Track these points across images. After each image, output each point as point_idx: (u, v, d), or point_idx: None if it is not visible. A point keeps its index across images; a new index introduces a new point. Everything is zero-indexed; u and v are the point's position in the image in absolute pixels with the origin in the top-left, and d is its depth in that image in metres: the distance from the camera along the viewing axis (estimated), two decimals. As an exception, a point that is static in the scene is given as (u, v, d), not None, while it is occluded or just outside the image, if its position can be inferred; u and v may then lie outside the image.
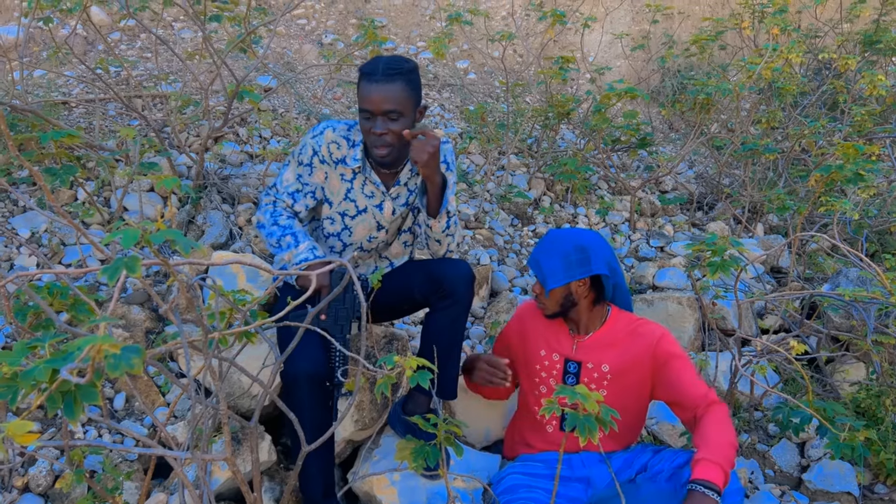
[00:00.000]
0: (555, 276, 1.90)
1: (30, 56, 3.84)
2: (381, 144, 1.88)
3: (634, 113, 3.69)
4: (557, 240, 1.94)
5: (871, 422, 2.32)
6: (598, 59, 5.49)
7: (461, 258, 2.15)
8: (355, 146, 2.00)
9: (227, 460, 1.34)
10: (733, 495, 1.78)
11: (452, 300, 2.00)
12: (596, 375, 1.98)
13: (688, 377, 1.90)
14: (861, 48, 4.71)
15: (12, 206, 2.67)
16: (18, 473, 1.90)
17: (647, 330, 1.97)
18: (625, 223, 3.73)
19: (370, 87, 1.83)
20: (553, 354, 2.02)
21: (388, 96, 1.82)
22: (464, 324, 2.06)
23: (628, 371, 1.96)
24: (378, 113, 1.85)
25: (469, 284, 2.02)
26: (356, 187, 2.05)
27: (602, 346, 1.99)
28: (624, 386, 1.98)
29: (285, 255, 2.00)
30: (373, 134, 1.87)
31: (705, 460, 1.69)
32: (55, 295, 1.65)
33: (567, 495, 1.92)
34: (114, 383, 2.23)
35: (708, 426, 1.77)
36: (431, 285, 2.01)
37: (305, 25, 4.95)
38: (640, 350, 1.95)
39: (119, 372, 0.78)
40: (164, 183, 1.92)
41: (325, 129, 2.00)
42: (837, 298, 2.50)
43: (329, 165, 2.02)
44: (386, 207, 2.08)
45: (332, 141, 1.99)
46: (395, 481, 2.05)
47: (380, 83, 1.83)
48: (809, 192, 3.56)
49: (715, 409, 1.82)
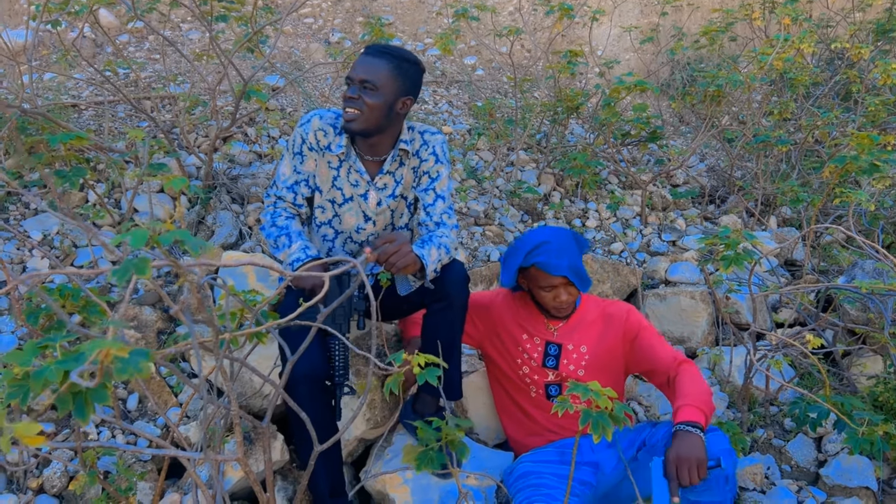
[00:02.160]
0: (586, 274, 1.98)
1: (39, 59, 3.86)
2: (349, 107, 1.92)
3: (644, 106, 3.66)
4: (564, 239, 1.98)
5: (889, 415, 2.29)
6: (607, 52, 5.45)
7: (461, 260, 2.14)
8: (341, 134, 2.03)
9: (239, 460, 1.33)
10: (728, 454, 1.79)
11: (447, 302, 1.99)
12: (575, 356, 2.07)
13: (657, 345, 2.04)
14: (874, 37, 4.65)
15: (24, 208, 2.68)
16: (33, 475, 1.91)
17: (615, 309, 2.11)
18: (636, 217, 3.70)
19: (359, 59, 1.93)
20: (534, 338, 2.10)
21: (369, 68, 1.90)
22: (461, 324, 2.06)
23: (603, 350, 2.07)
24: (356, 80, 1.91)
25: (463, 285, 2.01)
26: (342, 175, 2.07)
27: (578, 329, 2.10)
28: (600, 365, 2.07)
29: (280, 256, 2.03)
30: (345, 97, 1.93)
31: (685, 405, 1.81)
32: (67, 297, 1.65)
33: (577, 478, 1.95)
34: (127, 384, 2.24)
35: (681, 382, 1.90)
36: (425, 287, 2.00)
37: (312, 24, 4.95)
38: (612, 329, 2.07)
39: (126, 375, 0.77)
40: (173, 184, 1.92)
41: (313, 117, 2.04)
42: (854, 291, 2.47)
43: (317, 153, 2.05)
44: (371, 197, 2.09)
45: (319, 128, 2.03)
46: (407, 480, 2.05)
47: (367, 55, 1.92)
48: (823, 183, 3.51)
49: (685, 367, 1.96)
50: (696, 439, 1.70)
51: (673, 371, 1.96)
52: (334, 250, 2.16)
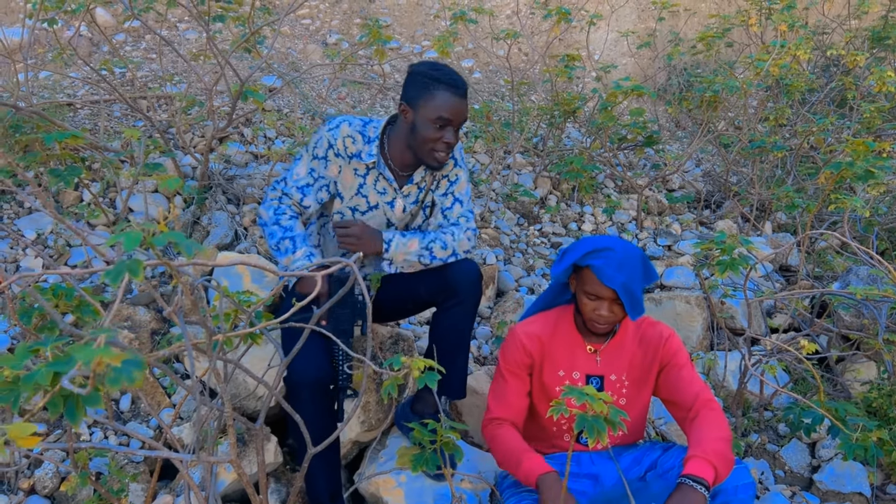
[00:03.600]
0: (642, 302, 1.81)
1: (35, 58, 3.84)
2: (447, 152, 1.95)
3: (641, 111, 3.66)
4: (633, 258, 1.79)
5: (882, 421, 2.30)
6: (604, 57, 5.46)
7: (468, 257, 2.13)
8: (371, 142, 2.01)
9: (232, 462, 1.33)
10: (745, 489, 1.78)
11: (458, 299, 1.99)
12: (617, 386, 1.95)
13: (685, 377, 1.91)
14: (869, 44, 4.67)
15: (18, 207, 2.67)
16: (24, 475, 1.90)
17: (655, 332, 1.96)
18: (632, 222, 3.71)
19: (455, 100, 1.90)
20: (573, 373, 1.95)
21: (465, 110, 1.94)
22: (472, 323, 2.05)
23: (639, 375, 1.96)
24: (456, 123, 1.93)
25: (476, 284, 2.01)
26: (369, 183, 2.05)
27: (618, 354, 1.96)
28: (638, 389, 1.97)
29: (283, 260, 2.00)
30: (443, 142, 1.92)
31: (695, 457, 1.71)
32: (60, 296, 1.64)
33: (573, 488, 1.92)
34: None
35: (699, 427, 1.79)
36: (439, 284, 2.01)
37: (310, 25, 4.94)
38: (649, 352, 1.95)
39: (119, 385, 0.76)
40: (168, 184, 1.91)
41: (342, 122, 2.01)
42: (848, 297, 2.48)
43: (343, 159, 2.02)
44: (397, 205, 2.09)
45: (348, 135, 2.00)
46: (401, 482, 2.04)
47: (462, 97, 1.92)
48: (818, 189, 3.52)
49: (706, 410, 1.83)
50: (699, 498, 1.63)
51: (693, 411, 1.83)
52: (348, 253, 2.13)
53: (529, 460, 1.78)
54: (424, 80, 1.90)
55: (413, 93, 1.92)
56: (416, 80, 1.93)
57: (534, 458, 1.79)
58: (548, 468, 1.76)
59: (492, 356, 2.72)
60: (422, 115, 1.90)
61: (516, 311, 2.83)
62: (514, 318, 2.77)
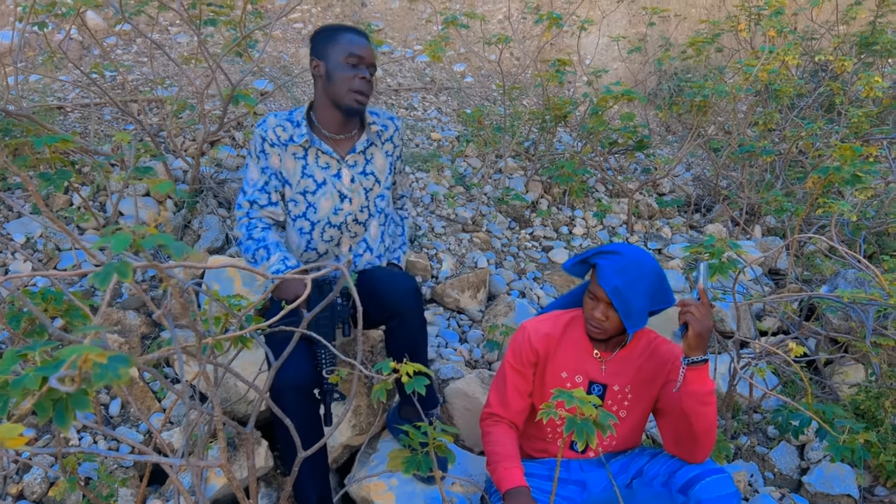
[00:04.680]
0: (641, 316, 1.75)
1: (25, 61, 3.83)
2: (365, 89, 2.00)
3: (631, 115, 3.69)
4: (640, 268, 1.74)
5: (870, 424, 2.32)
6: (595, 61, 5.49)
7: (410, 273, 2.12)
8: (299, 125, 2.08)
9: (222, 467, 1.32)
10: (728, 499, 1.76)
11: (401, 319, 1.98)
12: (619, 397, 1.94)
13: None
14: (857, 50, 4.72)
15: (7, 211, 2.65)
16: (13, 480, 1.89)
17: (667, 349, 1.93)
18: (622, 226, 3.73)
19: (360, 38, 2.01)
20: (576, 376, 1.92)
21: (372, 52, 2.01)
22: (422, 335, 2.03)
23: (645, 389, 1.94)
24: (367, 62, 2.01)
25: (414, 297, 1.99)
26: (311, 162, 2.09)
27: (625, 366, 1.93)
28: (639, 402, 1.96)
29: (260, 269, 2.01)
30: (359, 78, 1.99)
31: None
32: (49, 300, 1.63)
33: (560, 494, 1.91)
34: (109, 389, 2.22)
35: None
36: (377, 305, 1.99)
37: (301, 29, 4.94)
38: (656, 369, 1.93)
39: (105, 381, 0.76)
40: (159, 187, 1.91)
41: (269, 117, 2.10)
42: (836, 300, 2.50)
43: (279, 147, 2.07)
44: (344, 174, 2.12)
45: (277, 125, 2.07)
46: (392, 486, 2.04)
47: (366, 38, 2.02)
48: (807, 193, 3.55)
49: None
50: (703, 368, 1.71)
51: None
52: (312, 242, 2.15)
53: (506, 469, 1.78)
54: (327, 33, 2.03)
55: (320, 46, 2.03)
56: (320, 36, 2.05)
57: (511, 468, 1.78)
58: (520, 482, 1.74)
59: (483, 360, 2.73)
60: (333, 60, 2.00)
61: (507, 315, 2.83)
62: (505, 322, 2.78)
